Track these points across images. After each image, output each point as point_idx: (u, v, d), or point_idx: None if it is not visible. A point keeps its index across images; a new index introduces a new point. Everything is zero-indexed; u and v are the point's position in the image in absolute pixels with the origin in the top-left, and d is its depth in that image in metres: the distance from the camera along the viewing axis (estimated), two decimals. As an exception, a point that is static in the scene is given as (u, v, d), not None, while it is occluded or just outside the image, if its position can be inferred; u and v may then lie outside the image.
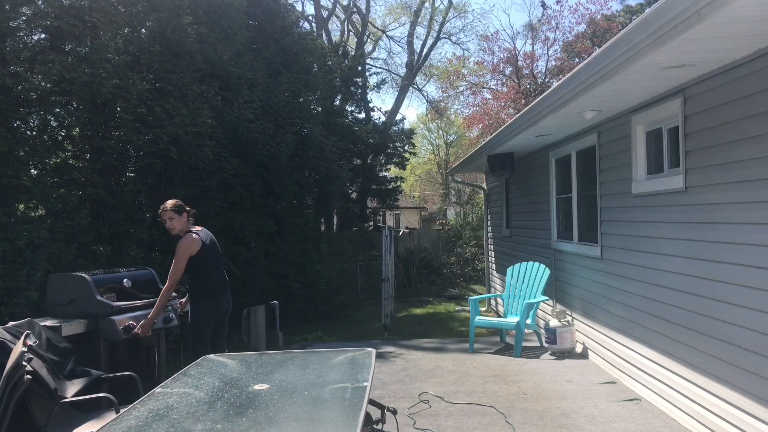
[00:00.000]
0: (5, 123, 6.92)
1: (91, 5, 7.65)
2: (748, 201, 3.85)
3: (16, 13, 7.06)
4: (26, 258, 6.68)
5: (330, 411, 2.76)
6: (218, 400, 2.83)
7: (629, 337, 5.79)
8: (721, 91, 4.17)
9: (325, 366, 3.50)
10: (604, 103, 5.60)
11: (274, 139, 11.11)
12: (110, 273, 5.44)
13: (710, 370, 4.32)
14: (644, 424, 4.80)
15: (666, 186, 5.00)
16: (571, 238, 7.65)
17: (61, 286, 5.01)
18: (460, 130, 32.87)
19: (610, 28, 20.67)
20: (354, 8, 25.05)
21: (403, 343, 8.67)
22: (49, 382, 3.57)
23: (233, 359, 3.69)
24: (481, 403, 5.45)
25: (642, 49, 3.75)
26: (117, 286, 5.16)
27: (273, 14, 12.64)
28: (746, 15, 3.06)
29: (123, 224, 8.22)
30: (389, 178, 23.16)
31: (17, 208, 7.18)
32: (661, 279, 5.10)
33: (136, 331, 4.85)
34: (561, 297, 8.06)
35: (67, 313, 4.86)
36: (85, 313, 4.81)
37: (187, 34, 8.99)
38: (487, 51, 25.69)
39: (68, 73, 7.03)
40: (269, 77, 11.81)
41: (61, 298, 4.95)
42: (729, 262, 4.06)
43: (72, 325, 4.67)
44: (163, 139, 8.14)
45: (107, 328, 4.75)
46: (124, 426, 2.49)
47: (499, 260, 12.04)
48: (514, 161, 9.81)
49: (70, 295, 4.91)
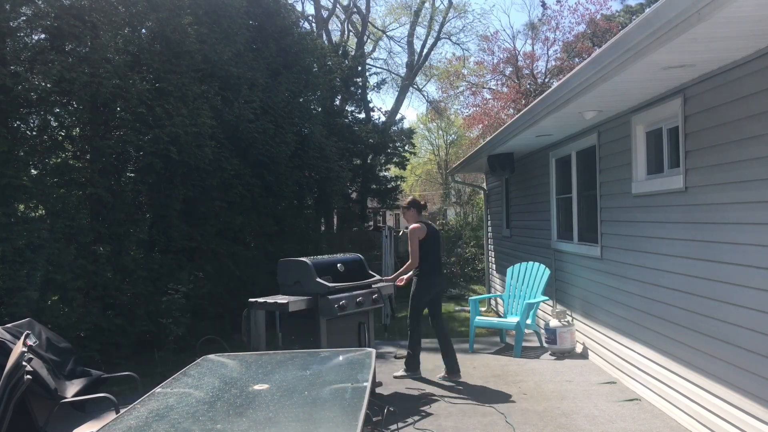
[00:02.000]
0: (5, 123, 6.91)
1: (91, 5, 7.64)
2: (748, 201, 3.85)
3: (16, 13, 7.06)
4: (26, 258, 6.68)
5: (330, 411, 2.76)
6: (218, 400, 2.83)
7: (629, 337, 5.79)
8: (721, 91, 4.17)
9: (325, 366, 3.50)
10: (604, 103, 5.60)
11: (274, 139, 11.11)
12: (327, 258, 6.12)
13: (710, 370, 4.32)
14: (644, 424, 4.80)
15: (666, 186, 5.00)
16: (571, 238, 7.65)
17: (288, 269, 5.76)
18: (460, 130, 32.85)
19: (610, 28, 20.66)
20: (354, 8, 25.03)
21: (403, 344, 8.65)
22: (49, 382, 3.57)
23: (233, 359, 3.69)
24: (481, 403, 5.45)
25: (642, 49, 3.75)
26: (332, 269, 5.85)
27: (273, 14, 12.63)
28: (746, 15, 3.06)
29: (123, 224, 8.22)
30: (389, 178, 23.14)
31: (17, 208, 7.18)
32: (661, 279, 5.10)
33: (398, 283, 6.34)
34: (561, 297, 8.06)
35: (293, 292, 5.61)
36: (307, 292, 5.52)
37: (188, 34, 8.98)
38: (487, 51, 25.65)
39: (68, 73, 7.03)
40: (269, 77, 11.80)
41: (288, 280, 5.73)
42: (729, 262, 4.06)
43: (297, 302, 5.39)
44: (163, 139, 8.14)
45: (325, 306, 5.42)
46: (124, 426, 2.49)
47: (499, 260, 12.04)
48: (514, 161, 9.81)
49: (294, 277, 5.66)
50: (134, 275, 8.13)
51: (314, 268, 5.58)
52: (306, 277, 5.58)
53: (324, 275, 5.66)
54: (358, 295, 5.70)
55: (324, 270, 5.73)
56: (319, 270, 5.64)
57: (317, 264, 5.70)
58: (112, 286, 7.82)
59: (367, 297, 5.81)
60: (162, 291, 8.39)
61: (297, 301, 5.43)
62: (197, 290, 9.08)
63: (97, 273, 7.60)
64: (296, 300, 5.43)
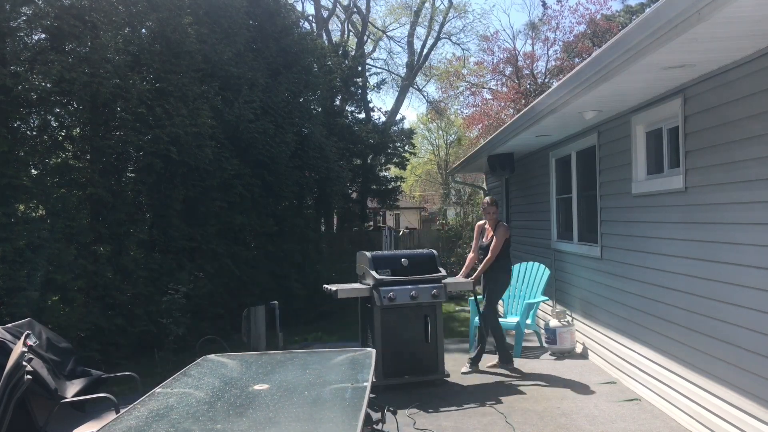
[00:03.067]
0: (5, 123, 6.91)
1: (91, 5, 7.64)
2: (748, 201, 3.85)
3: (17, 13, 7.05)
4: (26, 258, 6.68)
5: (330, 411, 2.76)
6: (218, 400, 2.83)
7: (629, 337, 5.79)
8: (721, 91, 4.16)
9: (325, 366, 3.50)
10: (604, 103, 5.60)
11: (274, 139, 11.10)
12: (390, 253, 6.67)
13: (710, 370, 4.32)
14: (644, 424, 4.80)
15: (666, 186, 5.00)
16: (571, 238, 7.65)
17: (358, 261, 6.46)
18: (460, 130, 32.83)
19: (610, 28, 20.65)
20: (354, 8, 25.03)
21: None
22: (49, 382, 3.57)
23: (233, 359, 3.69)
24: (481, 403, 5.45)
25: (642, 49, 3.75)
26: (395, 263, 6.20)
27: (273, 14, 12.63)
28: (746, 15, 3.06)
29: (123, 224, 8.21)
30: (389, 178, 23.14)
31: (17, 208, 7.18)
32: (661, 279, 5.09)
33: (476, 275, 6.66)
34: (561, 297, 8.06)
35: (361, 281, 6.41)
36: (367, 282, 6.14)
37: (188, 34, 8.98)
38: (487, 51, 25.62)
39: (68, 73, 7.03)
40: (269, 77, 11.80)
41: (359, 270, 6.47)
42: (729, 262, 4.06)
43: (348, 290, 6.16)
44: (163, 140, 8.13)
45: (376, 296, 5.92)
46: (124, 426, 2.49)
47: (499, 260, 12.01)
48: (514, 161, 9.81)
49: (361, 268, 6.35)
50: (134, 275, 8.13)
51: (373, 261, 6.11)
52: (366, 269, 6.16)
53: (384, 268, 6.09)
54: (412, 289, 5.97)
55: (385, 263, 6.16)
56: (380, 263, 6.13)
57: (377, 257, 6.20)
58: (112, 286, 7.82)
59: (425, 292, 6.00)
60: (162, 291, 8.39)
61: (349, 289, 6.17)
62: (197, 290, 9.08)
63: (98, 273, 7.60)
64: (348, 288, 6.19)
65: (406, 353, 5.94)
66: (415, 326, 6.00)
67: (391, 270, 6.09)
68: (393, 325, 5.94)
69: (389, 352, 5.85)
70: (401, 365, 5.94)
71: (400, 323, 5.97)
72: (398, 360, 5.91)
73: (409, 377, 5.96)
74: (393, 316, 5.95)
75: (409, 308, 5.97)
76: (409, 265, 6.18)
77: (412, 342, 5.96)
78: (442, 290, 6.09)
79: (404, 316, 5.98)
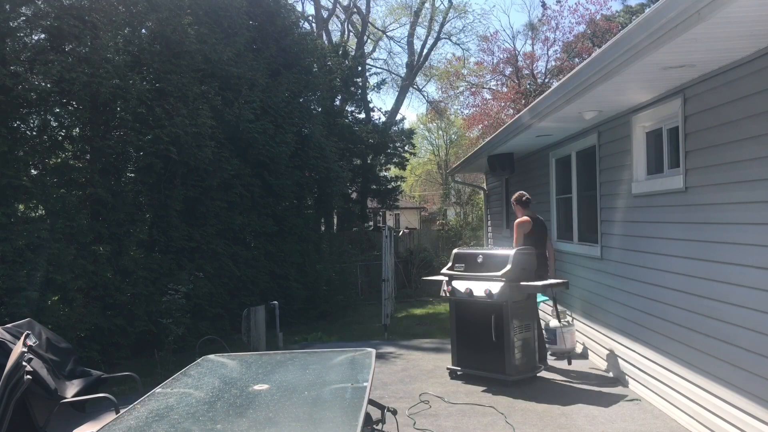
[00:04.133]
0: (5, 123, 6.91)
1: (91, 5, 7.65)
2: (748, 201, 3.85)
3: (16, 13, 7.06)
4: (26, 258, 6.68)
5: (330, 411, 2.76)
6: (218, 400, 2.83)
7: (629, 337, 5.79)
8: (721, 91, 4.16)
9: (325, 366, 3.50)
10: (604, 104, 5.60)
11: (274, 140, 11.11)
12: (473, 250, 6.83)
13: (710, 370, 4.32)
14: (644, 425, 4.80)
15: (666, 186, 5.00)
16: (571, 238, 7.65)
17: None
18: (460, 130, 32.84)
19: (610, 29, 20.65)
20: (354, 8, 25.03)
21: (403, 344, 8.67)
22: (49, 382, 3.57)
23: (233, 359, 3.69)
24: (481, 404, 5.45)
25: (642, 49, 3.75)
26: (472, 260, 6.39)
27: (273, 14, 12.63)
28: (746, 15, 3.06)
29: (123, 224, 8.22)
30: (389, 178, 23.12)
31: (17, 208, 7.18)
32: (661, 279, 5.09)
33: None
34: (561, 297, 8.05)
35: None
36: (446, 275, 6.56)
37: (188, 35, 8.99)
38: (486, 51, 25.59)
39: (68, 73, 7.03)
40: (269, 77, 11.81)
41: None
42: (729, 262, 4.06)
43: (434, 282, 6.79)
44: (163, 140, 8.14)
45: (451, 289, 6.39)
46: (124, 426, 2.49)
47: (499, 260, 12.00)
48: (514, 161, 9.81)
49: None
50: (134, 275, 8.13)
51: (454, 256, 6.57)
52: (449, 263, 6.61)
53: (462, 263, 6.41)
54: (467, 285, 6.23)
55: (464, 259, 6.46)
56: (460, 259, 6.49)
57: (459, 253, 6.62)
58: (112, 286, 7.82)
59: (478, 288, 6.12)
60: (162, 291, 8.39)
61: (434, 280, 6.80)
62: (197, 290, 9.08)
63: (97, 273, 7.60)
64: (434, 279, 6.81)
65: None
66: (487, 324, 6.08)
67: (466, 265, 6.37)
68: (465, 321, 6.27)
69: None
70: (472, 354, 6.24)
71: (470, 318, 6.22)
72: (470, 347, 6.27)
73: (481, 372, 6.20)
74: (467, 311, 6.25)
75: (477, 305, 6.14)
76: (484, 262, 6.28)
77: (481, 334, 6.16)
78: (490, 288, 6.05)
79: (474, 312, 6.18)
